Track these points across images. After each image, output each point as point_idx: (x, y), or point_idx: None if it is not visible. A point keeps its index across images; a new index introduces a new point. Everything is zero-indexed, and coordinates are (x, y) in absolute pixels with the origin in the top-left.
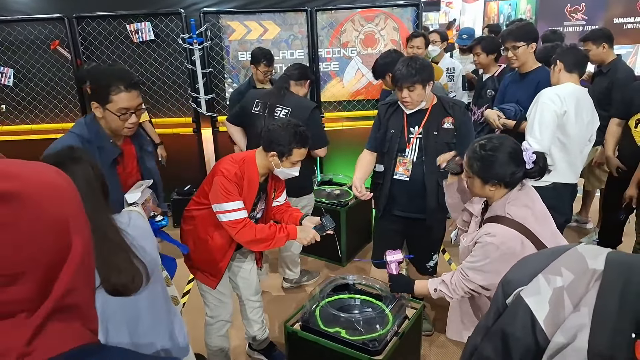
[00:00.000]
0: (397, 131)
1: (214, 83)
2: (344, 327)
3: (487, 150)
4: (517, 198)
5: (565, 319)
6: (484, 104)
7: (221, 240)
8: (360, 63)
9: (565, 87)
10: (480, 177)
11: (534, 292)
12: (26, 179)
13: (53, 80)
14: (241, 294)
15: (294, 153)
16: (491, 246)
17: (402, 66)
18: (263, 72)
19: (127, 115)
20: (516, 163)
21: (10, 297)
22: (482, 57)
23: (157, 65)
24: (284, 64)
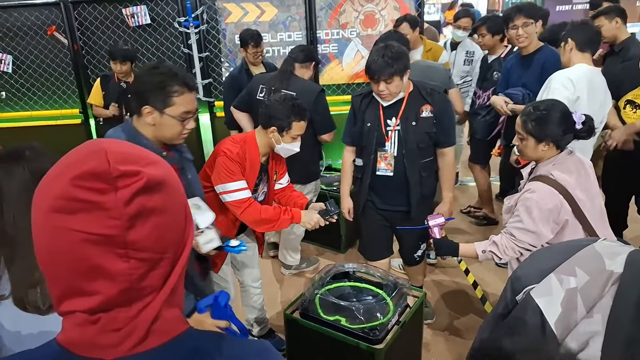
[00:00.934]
0: (374, 124)
1: (210, 67)
2: (344, 315)
3: (542, 110)
4: (563, 162)
5: (577, 323)
6: (490, 87)
7: (225, 223)
8: (360, 44)
9: (578, 69)
10: (534, 136)
11: (545, 292)
12: (165, 165)
13: (51, 66)
14: (242, 279)
15: (293, 126)
16: (531, 201)
17: (376, 57)
18: (252, 53)
19: (188, 119)
20: (567, 123)
21: (149, 282)
22: (487, 38)
23: (154, 50)
24: (281, 47)
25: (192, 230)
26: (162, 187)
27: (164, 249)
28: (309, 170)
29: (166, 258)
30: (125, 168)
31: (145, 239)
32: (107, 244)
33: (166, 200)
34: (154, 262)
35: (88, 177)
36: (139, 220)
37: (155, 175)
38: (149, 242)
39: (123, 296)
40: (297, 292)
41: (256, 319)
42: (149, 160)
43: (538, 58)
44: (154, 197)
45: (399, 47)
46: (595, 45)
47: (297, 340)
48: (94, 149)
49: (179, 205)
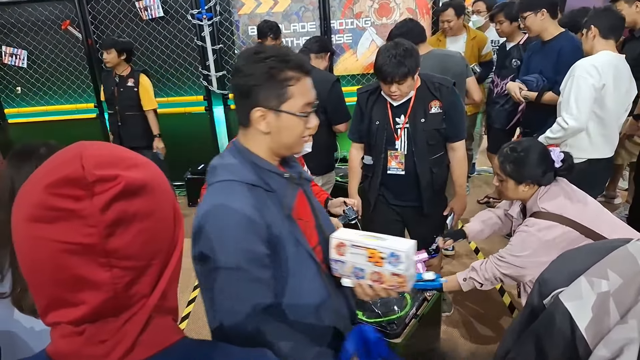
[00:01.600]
0: (383, 123)
1: (224, 60)
2: (361, 309)
3: (519, 152)
4: (547, 191)
5: (609, 329)
6: (508, 75)
7: None
8: (374, 34)
9: (602, 56)
10: (513, 178)
11: (575, 295)
12: (149, 166)
13: (65, 60)
14: None
15: None
16: (526, 234)
17: (387, 59)
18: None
19: (310, 115)
20: (546, 162)
21: (136, 290)
22: (505, 25)
23: (167, 43)
24: (294, 37)
25: (183, 231)
26: (145, 190)
27: (152, 255)
28: (324, 161)
29: (154, 264)
30: (101, 172)
31: (129, 246)
32: (87, 253)
33: (151, 205)
34: (141, 270)
35: (63, 184)
36: (120, 227)
37: (137, 178)
38: (134, 250)
39: (109, 306)
40: None
41: None
42: (130, 163)
43: (555, 45)
44: (136, 202)
45: (409, 45)
46: (619, 32)
47: None
48: (70, 153)
49: (166, 209)
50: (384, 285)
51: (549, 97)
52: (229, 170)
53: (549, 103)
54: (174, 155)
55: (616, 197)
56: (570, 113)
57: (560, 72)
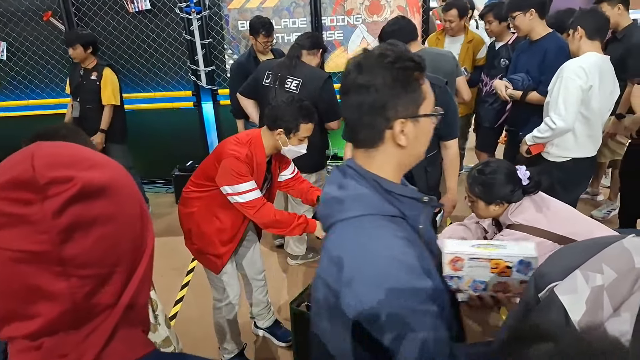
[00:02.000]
0: None
1: (213, 54)
2: None
3: (487, 174)
4: (519, 206)
5: (603, 322)
6: (497, 75)
7: (231, 222)
8: (365, 31)
9: (589, 58)
10: (483, 200)
11: (570, 289)
12: (112, 167)
13: (47, 53)
14: (246, 273)
15: (301, 128)
16: None
17: None
18: (262, 42)
19: None
20: (514, 181)
21: (99, 300)
22: (495, 25)
23: (155, 37)
24: (285, 33)
25: (152, 235)
26: (105, 193)
27: (115, 262)
28: (316, 159)
29: (118, 272)
30: (54, 174)
31: (88, 253)
32: (40, 262)
33: (113, 208)
34: (103, 278)
35: (11, 186)
36: (77, 233)
37: (96, 179)
38: (93, 257)
39: (67, 318)
40: (304, 282)
41: (261, 311)
42: (90, 163)
43: (542, 45)
44: (95, 205)
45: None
46: (604, 33)
47: (303, 333)
48: (22, 154)
49: (130, 211)
50: (510, 294)
51: (533, 96)
52: (363, 203)
53: (533, 102)
54: (162, 151)
55: (599, 195)
56: (558, 114)
57: (544, 72)
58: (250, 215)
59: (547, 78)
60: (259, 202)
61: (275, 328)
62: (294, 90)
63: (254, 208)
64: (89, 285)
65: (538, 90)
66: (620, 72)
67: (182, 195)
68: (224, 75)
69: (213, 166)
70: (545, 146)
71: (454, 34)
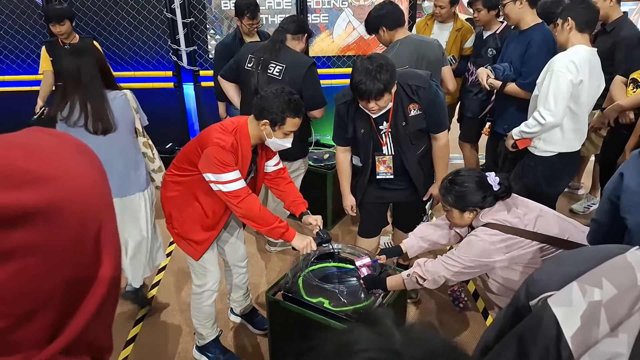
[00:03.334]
0: (367, 131)
1: (195, 34)
2: (327, 297)
3: (457, 185)
4: (489, 210)
5: (597, 341)
6: (483, 64)
7: (213, 209)
8: (351, 15)
9: (579, 51)
10: (457, 208)
11: (565, 301)
12: (61, 180)
13: (24, 28)
14: (227, 259)
15: (287, 122)
16: (474, 237)
17: (364, 78)
18: (247, 25)
19: None
20: (484, 188)
21: (22, 336)
22: (483, 14)
23: (135, 14)
24: (269, 15)
25: (112, 263)
26: (33, 219)
27: (40, 299)
28: (297, 148)
29: (48, 309)
30: None
31: (1, 289)
32: None
33: (43, 236)
34: (25, 316)
35: None
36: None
37: (21, 202)
38: (9, 294)
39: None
40: (282, 269)
41: (239, 298)
42: (24, 178)
43: (528, 35)
44: (16, 234)
45: (384, 61)
46: (594, 25)
47: (279, 321)
48: None
49: (74, 238)
50: None
51: (511, 88)
52: None
53: (510, 94)
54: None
55: (580, 188)
56: (548, 109)
57: (525, 63)
58: (233, 205)
59: (527, 70)
60: (243, 192)
61: (252, 316)
62: (276, 76)
63: (237, 198)
64: (3, 322)
65: (516, 81)
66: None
67: (164, 179)
68: (205, 56)
69: (196, 151)
70: (532, 140)
71: (444, 20)
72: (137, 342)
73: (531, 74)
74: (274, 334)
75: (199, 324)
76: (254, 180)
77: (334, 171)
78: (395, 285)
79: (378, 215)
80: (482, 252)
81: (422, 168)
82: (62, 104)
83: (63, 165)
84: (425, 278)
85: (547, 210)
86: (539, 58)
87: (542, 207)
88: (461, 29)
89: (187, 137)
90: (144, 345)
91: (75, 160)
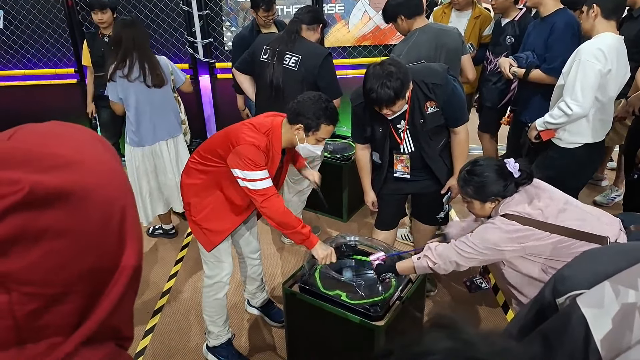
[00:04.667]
0: (385, 130)
1: (211, 27)
2: (344, 290)
3: (476, 175)
4: (510, 200)
5: (629, 347)
6: (501, 52)
7: (239, 200)
8: (367, 5)
9: (606, 39)
10: (478, 199)
11: (596, 302)
12: (87, 165)
13: (44, 22)
14: (241, 251)
15: (321, 129)
16: (490, 224)
17: (376, 86)
18: (262, 17)
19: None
20: (505, 176)
21: (49, 321)
22: (501, 1)
23: (152, 7)
24: (285, 5)
25: (134, 253)
26: (62, 201)
27: (68, 281)
28: None
29: (75, 292)
30: (2, 174)
31: (31, 269)
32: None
33: (70, 220)
34: (53, 299)
35: None
36: (18, 246)
37: (52, 184)
38: (38, 274)
39: (11, 335)
40: (297, 262)
41: (255, 290)
42: (52, 163)
43: (550, 21)
44: (46, 215)
45: (395, 68)
46: (621, 12)
47: (296, 314)
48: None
49: (98, 224)
50: None
51: (535, 74)
52: None
53: (534, 81)
54: None
55: (604, 180)
56: (575, 99)
57: (549, 49)
58: (257, 202)
59: (551, 55)
60: (269, 191)
61: (268, 308)
62: (292, 67)
63: (263, 196)
64: (33, 303)
65: (541, 68)
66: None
67: (186, 165)
68: (221, 48)
69: (226, 147)
70: (557, 132)
71: (461, 8)
72: (156, 332)
73: (556, 59)
74: (290, 326)
75: (210, 321)
76: (277, 176)
77: (350, 163)
78: (406, 269)
79: (396, 207)
80: (497, 239)
81: (443, 160)
82: (121, 64)
83: (88, 152)
84: (436, 262)
85: (572, 201)
86: (563, 42)
87: (567, 198)
88: (479, 16)
89: (203, 128)
90: (162, 335)
91: (97, 149)
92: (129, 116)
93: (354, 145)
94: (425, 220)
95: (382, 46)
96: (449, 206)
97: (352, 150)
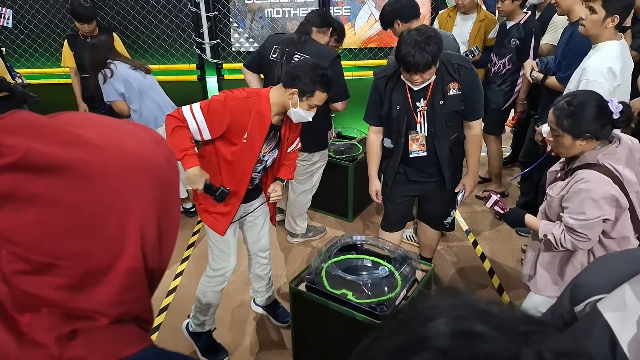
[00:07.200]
0: (403, 107)
1: (218, 28)
2: (350, 289)
3: (576, 106)
4: (614, 153)
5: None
6: (506, 55)
7: (229, 178)
8: (373, 7)
9: (611, 51)
10: (571, 133)
11: (618, 306)
12: (107, 152)
13: (53, 22)
14: (249, 248)
15: (315, 95)
16: (586, 193)
17: (412, 50)
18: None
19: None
20: (604, 115)
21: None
22: (507, 3)
23: (160, 8)
24: (292, 7)
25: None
26: (62, 172)
27: (56, 254)
28: (318, 139)
29: (63, 267)
30: (3, 139)
31: (20, 230)
32: None
33: (68, 193)
34: (39, 266)
35: None
36: (9, 204)
37: (50, 155)
38: (26, 237)
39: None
40: (304, 261)
41: (261, 289)
42: (66, 139)
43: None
44: (41, 182)
45: (433, 33)
46: (626, 15)
47: (302, 312)
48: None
49: (99, 205)
50: None
51: (551, 81)
52: None
53: (551, 87)
54: None
55: None
56: None
57: (566, 56)
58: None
59: (567, 63)
60: (181, 116)
61: (274, 307)
62: None
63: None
64: (19, 264)
65: (556, 75)
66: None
67: None
68: (228, 49)
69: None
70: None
71: (467, 11)
72: (162, 330)
73: (570, 67)
74: (296, 325)
75: (200, 309)
76: (274, 164)
77: (355, 163)
78: (533, 225)
79: (405, 209)
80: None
81: (452, 156)
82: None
83: (118, 143)
84: (558, 248)
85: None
86: (580, 52)
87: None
88: (485, 19)
89: None
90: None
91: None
92: (132, 105)
93: (359, 146)
94: (432, 224)
95: (388, 48)
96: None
97: (358, 151)
